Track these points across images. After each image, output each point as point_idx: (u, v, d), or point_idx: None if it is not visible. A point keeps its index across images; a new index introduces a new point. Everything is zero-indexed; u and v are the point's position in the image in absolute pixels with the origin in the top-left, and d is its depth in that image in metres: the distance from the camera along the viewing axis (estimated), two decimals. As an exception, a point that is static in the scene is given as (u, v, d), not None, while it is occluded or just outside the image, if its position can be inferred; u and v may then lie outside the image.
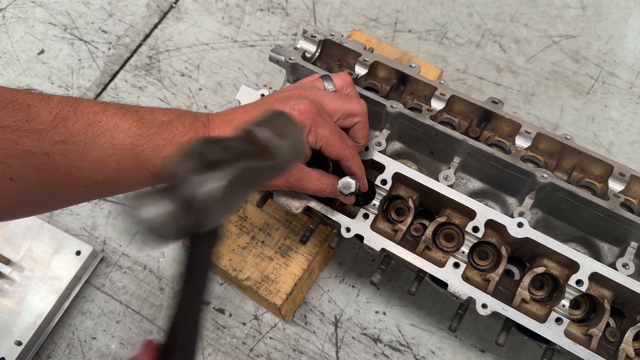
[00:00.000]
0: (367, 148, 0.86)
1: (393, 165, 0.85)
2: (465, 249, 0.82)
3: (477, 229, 0.81)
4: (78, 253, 1.07)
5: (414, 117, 0.87)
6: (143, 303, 1.08)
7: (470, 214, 0.82)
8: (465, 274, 0.82)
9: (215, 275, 1.09)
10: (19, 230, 1.08)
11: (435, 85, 0.92)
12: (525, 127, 0.89)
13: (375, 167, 0.87)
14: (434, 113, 0.90)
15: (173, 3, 1.44)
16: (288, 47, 0.97)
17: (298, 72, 0.95)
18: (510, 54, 1.33)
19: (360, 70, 0.96)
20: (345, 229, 0.84)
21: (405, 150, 0.94)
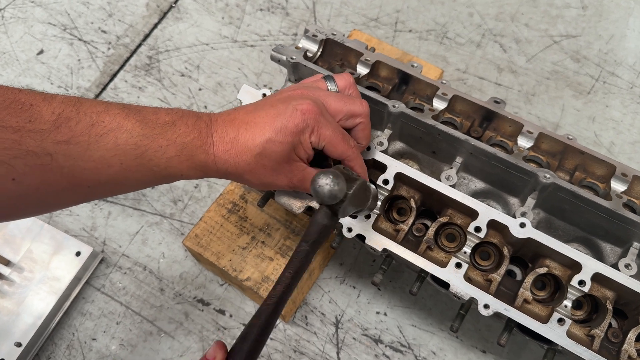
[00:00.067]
0: (369, 148, 0.86)
1: (395, 165, 0.85)
2: (467, 249, 0.82)
3: (479, 229, 0.81)
4: (78, 254, 1.06)
5: (416, 116, 0.87)
6: (143, 304, 1.07)
7: (472, 214, 0.82)
8: (467, 275, 0.82)
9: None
10: (19, 231, 1.08)
11: (437, 85, 0.92)
12: (528, 127, 0.88)
13: (377, 167, 0.86)
14: (436, 113, 0.90)
15: (173, 3, 1.44)
16: (289, 46, 0.96)
17: (300, 71, 0.95)
18: (511, 54, 1.33)
19: (362, 70, 0.96)
20: (347, 229, 0.84)
21: (407, 150, 0.94)
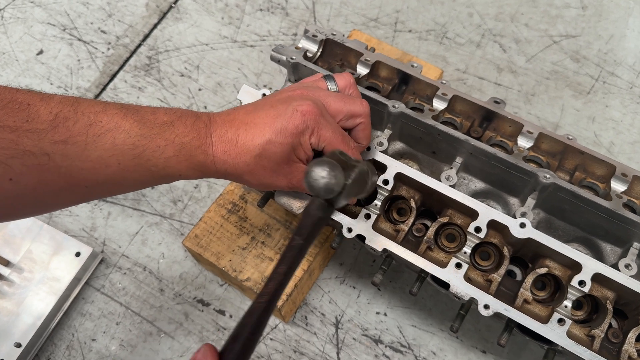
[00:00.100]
0: (369, 148, 0.86)
1: (395, 165, 0.85)
2: (467, 250, 0.82)
3: (479, 230, 0.80)
4: (77, 254, 1.06)
5: (416, 117, 0.87)
6: (143, 304, 1.07)
7: (472, 215, 0.82)
8: (467, 275, 0.82)
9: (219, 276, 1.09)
10: (19, 232, 1.08)
11: (437, 85, 0.92)
12: (528, 127, 0.88)
13: (377, 167, 0.86)
14: (436, 113, 0.90)
15: (172, 3, 1.44)
16: (289, 46, 0.96)
17: (299, 71, 0.95)
18: (511, 54, 1.33)
19: (362, 70, 0.96)
20: (347, 229, 0.84)
21: (407, 150, 0.94)
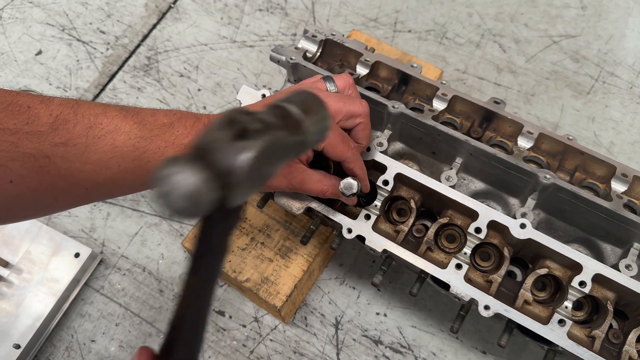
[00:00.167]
0: (368, 149, 0.86)
1: (395, 166, 0.85)
2: (468, 250, 0.82)
3: (479, 230, 0.80)
4: (77, 255, 1.06)
5: (416, 117, 0.87)
6: (142, 305, 1.07)
7: (473, 215, 0.82)
8: (468, 275, 0.82)
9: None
10: (17, 232, 1.08)
11: (437, 86, 0.92)
12: (528, 127, 0.88)
13: (377, 167, 0.86)
14: (436, 113, 0.90)
15: (172, 3, 1.43)
16: (289, 47, 0.96)
17: (299, 72, 0.95)
18: (510, 54, 1.33)
19: (362, 70, 0.96)
20: (347, 230, 0.83)
21: (407, 151, 0.94)
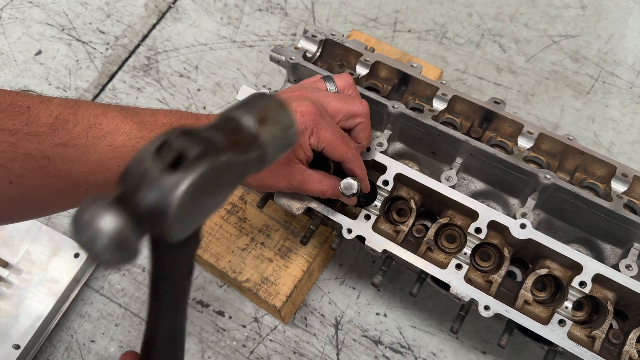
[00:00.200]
0: (368, 149, 0.86)
1: (395, 166, 0.85)
2: (468, 250, 0.81)
3: (479, 230, 0.80)
4: (76, 255, 1.06)
5: (416, 117, 0.87)
6: (142, 306, 1.07)
7: (473, 215, 0.82)
8: (468, 276, 0.82)
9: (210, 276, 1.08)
10: (17, 233, 1.08)
11: (437, 86, 0.92)
12: (528, 127, 0.88)
13: (377, 167, 0.86)
14: (436, 113, 0.90)
15: (171, 3, 1.43)
16: (288, 47, 0.96)
17: (299, 72, 0.95)
18: (510, 54, 1.33)
19: (362, 70, 0.96)
20: (347, 230, 0.83)
21: (407, 151, 0.94)
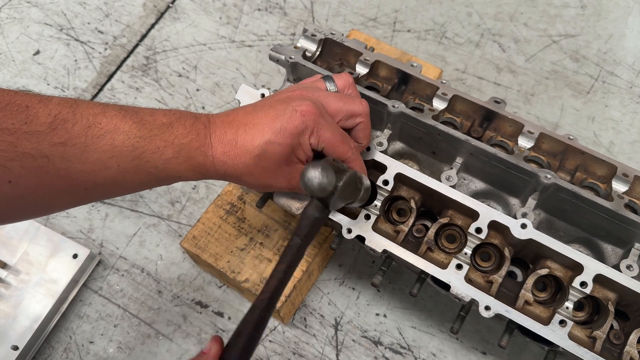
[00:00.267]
0: (368, 148, 0.85)
1: (395, 166, 0.84)
2: (468, 251, 0.81)
3: (479, 230, 0.80)
4: (75, 256, 1.06)
5: (416, 117, 0.87)
6: (141, 306, 1.06)
7: (473, 215, 0.82)
8: (468, 276, 0.81)
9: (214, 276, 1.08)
10: (15, 233, 1.07)
11: (437, 85, 0.91)
12: (528, 127, 0.88)
13: (377, 167, 0.86)
14: (436, 113, 0.89)
15: (170, 3, 1.43)
16: (288, 46, 0.95)
17: (298, 71, 0.94)
18: (510, 54, 1.33)
19: (361, 70, 0.95)
20: (347, 230, 0.83)
21: (407, 151, 0.94)
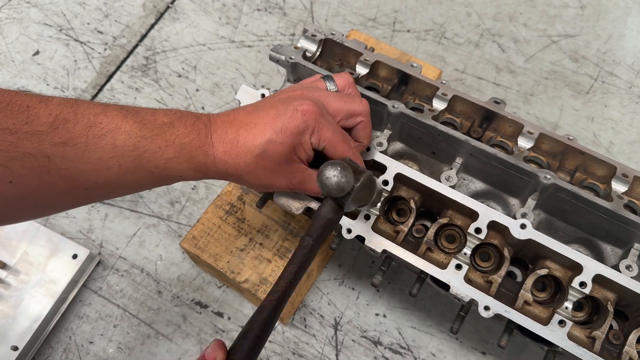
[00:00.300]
0: (368, 148, 0.86)
1: (394, 166, 0.84)
2: (468, 251, 0.81)
3: (479, 231, 0.80)
4: (74, 256, 1.06)
5: (416, 117, 0.87)
6: (141, 307, 1.06)
7: (473, 215, 0.82)
8: (468, 276, 0.82)
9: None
10: (15, 234, 1.07)
11: (437, 85, 0.91)
12: (528, 127, 0.88)
13: (377, 167, 0.86)
14: (436, 113, 0.89)
15: (169, 3, 1.43)
16: (288, 46, 0.96)
17: (298, 71, 0.94)
18: (509, 54, 1.33)
19: (362, 70, 0.96)
20: (347, 230, 0.83)
21: (407, 151, 0.94)
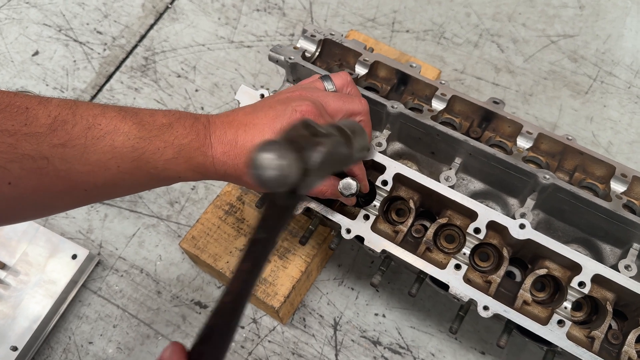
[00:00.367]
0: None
1: (394, 166, 0.85)
2: (467, 251, 0.81)
3: (478, 230, 0.80)
4: (74, 257, 1.06)
5: (415, 117, 0.87)
6: (140, 307, 1.06)
7: (472, 215, 0.82)
8: (467, 276, 0.82)
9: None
10: (14, 234, 1.07)
11: (436, 86, 0.92)
12: (527, 127, 0.88)
13: (376, 167, 0.86)
14: (435, 113, 0.90)
15: (169, 3, 1.43)
16: (287, 46, 0.96)
17: (298, 71, 0.94)
18: (508, 54, 1.33)
19: (361, 70, 0.96)
20: (346, 230, 0.83)
21: (406, 151, 0.94)
